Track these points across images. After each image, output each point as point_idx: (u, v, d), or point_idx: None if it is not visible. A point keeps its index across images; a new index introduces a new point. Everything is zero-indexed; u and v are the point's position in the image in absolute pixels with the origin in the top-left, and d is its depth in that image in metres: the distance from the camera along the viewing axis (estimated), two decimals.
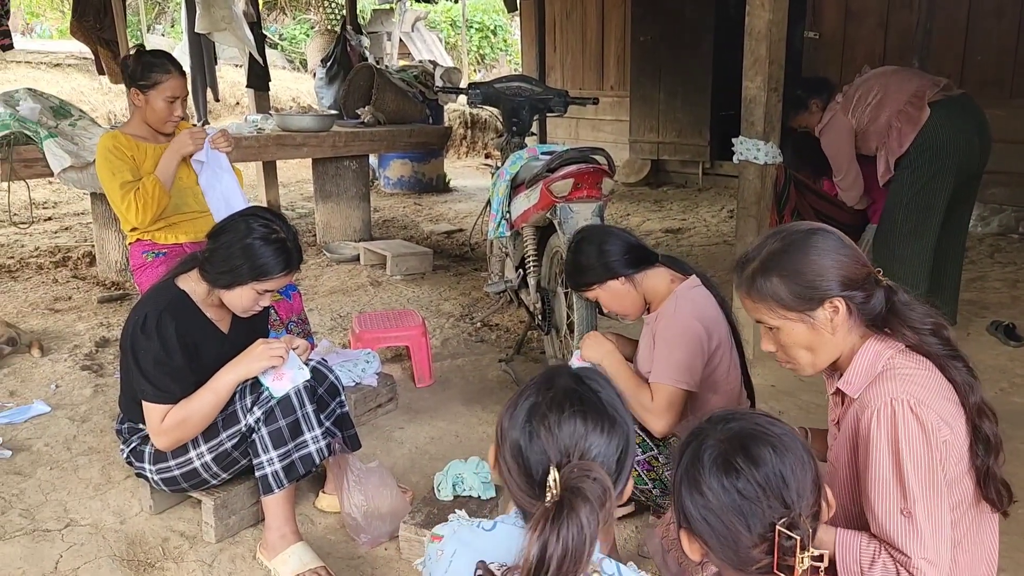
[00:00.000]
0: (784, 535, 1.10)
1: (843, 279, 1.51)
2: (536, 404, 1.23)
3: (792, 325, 1.55)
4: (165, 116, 3.09)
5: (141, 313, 2.21)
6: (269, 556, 2.26)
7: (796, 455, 1.16)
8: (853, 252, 1.54)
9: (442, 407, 3.34)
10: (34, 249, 5.77)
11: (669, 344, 2.17)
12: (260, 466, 2.25)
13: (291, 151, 5.55)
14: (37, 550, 2.36)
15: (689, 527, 1.19)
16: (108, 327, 4.21)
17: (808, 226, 1.58)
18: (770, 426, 1.19)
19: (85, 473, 2.78)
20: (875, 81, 3.76)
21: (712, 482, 1.15)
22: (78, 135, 4.57)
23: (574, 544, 1.10)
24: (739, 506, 1.13)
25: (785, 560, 1.11)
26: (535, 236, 3.48)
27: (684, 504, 1.19)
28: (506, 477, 1.24)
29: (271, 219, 2.21)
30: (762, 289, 1.54)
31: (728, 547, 1.15)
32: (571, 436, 1.19)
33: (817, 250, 1.52)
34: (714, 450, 1.17)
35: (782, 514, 1.12)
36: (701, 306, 2.21)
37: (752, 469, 1.14)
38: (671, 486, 1.22)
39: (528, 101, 4.00)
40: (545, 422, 1.20)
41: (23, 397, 3.38)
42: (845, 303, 1.51)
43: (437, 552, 1.28)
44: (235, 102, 10.88)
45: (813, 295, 1.51)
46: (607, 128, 9.16)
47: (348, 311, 4.56)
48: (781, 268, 1.53)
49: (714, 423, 1.22)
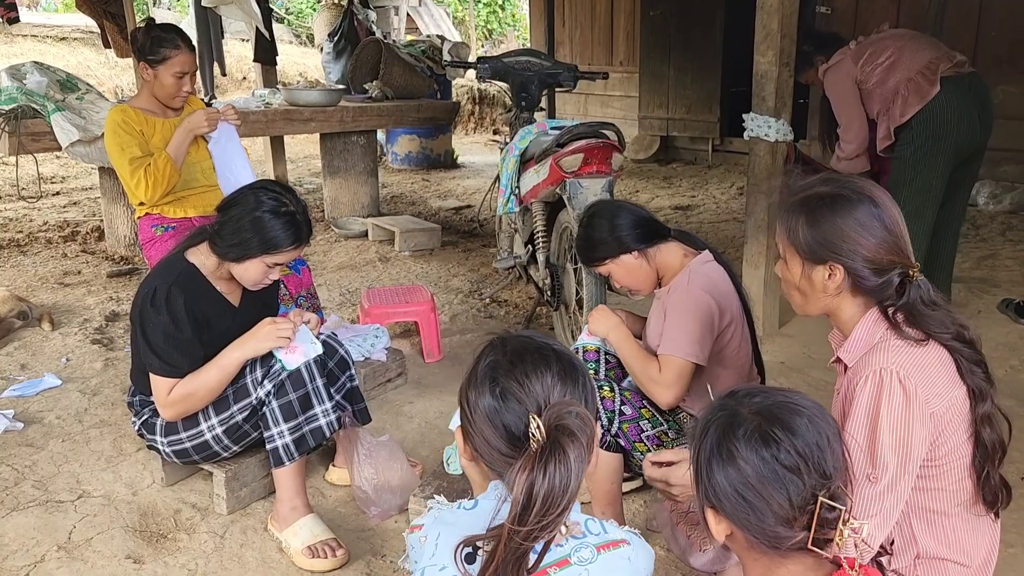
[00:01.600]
0: (827, 506, 1.08)
1: (860, 255, 1.49)
2: (497, 363, 1.23)
3: (794, 265, 1.57)
4: (174, 91, 3.08)
5: (151, 286, 2.22)
6: (280, 528, 2.28)
7: (829, 426, 1.15)
8: (890, 237, 1.50)
9: (451, 382, 3.35)
10: (43, 223, 5.78)
11: (680, 316, 2.16)
12: (271, 439, 2.26)
13: (299, 126, 5.53)
14: (51, 520, 2.38)
15: (719, 505, 1.16)
16: (118, 301, 4.22)
17: (866, 190, 1.53)
18: (800, 398, 1.18)
19: (97, 445, 2.80)
20: (891, 42, 3.67)
21: (749, 455, 1.12)
22: (85, 109, 4.55)
23: (561, 480, 1.10)
24: (780, 477, 1.10)
25: (823, 533, 1.09)
26: (544, 211, 3.46)
27: (715, 481, 1.15)
28: (482, 450, 1.23)
29: (281, 192, 2.21)
30: (790, 220, 1.56)
31: (763, 523, 1.12)
32: (541, 384, 1.20)
33: (851, 216, 1.49)
34: (749, 423, 1.14)
35: (823, 484, 1.10)
36: (714, 280, 2.20)
37: (791, 439, 1.12)
38: (694, 464, 1.20)
39: (537, 76, 3.98)
40: (513, 377, 1.20)
41: (34, 370, 3.40)
42: (845, 273, 1.50)
43: (420, 540, 1.27)
44: (242, 77, 10.84)
45: (820, 252, 1.51)
46: (616, 104, 9.10)
47: (357, 286, 4.57)
48: (814, 212, 1.52)
49: (738, 399, 1.19)
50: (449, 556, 1.18)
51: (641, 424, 2.19)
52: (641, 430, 2.17)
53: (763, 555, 1.16)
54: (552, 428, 1.14)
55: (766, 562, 1.17)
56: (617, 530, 1.25)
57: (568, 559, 1.18)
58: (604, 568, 1.19)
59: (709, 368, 2.19)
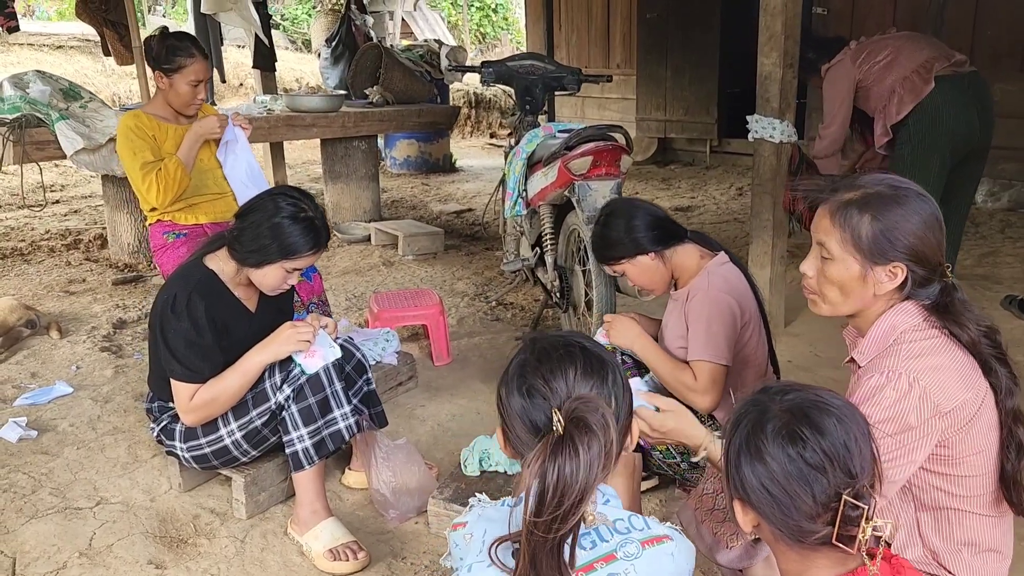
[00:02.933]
0: (850, 504, 1.10)
1: (921, 254, 1.49)
2: (525, 361, 1.27)
3: (850, 264, 1.52)
4: (189, 99, 3.10)
5: (170, 293, 2.23)
6: (301, 531, 2.29)
7: (858, 426, 1.16)
8: (940, 237, 1.51)
9: (461, 385, 3.36)
10: (45, 232, 5.77)
11: (706, 321, 2.18)
12: (290, 443, 2.27)
13: (301, 132, 5.54)
14: (70, 527, 2.39)
15: (745, 498, 1.19)
16: (124, 309, 4.23)
17: (920, 189, 1.54)
18: (831, 398, 1.19)
19: (112, 452, 2.81)
20: (890, 42, 3.74)
21: (776, 451, 1.14)
22: (89, 117, 4.56)
23: (572, 472, 1.12)
24: (805, 475, 1.12)
25: (846, 530, 1.11)
26: (552, 214, 3.48)
27: (743, 474, 1.18)
28: (517, 447, 1.26)
29: (299, 198, 2.22)
30: (850, 218, 1.50)
31: (789, 518, 1.14)
32: (565, 381, 1.23)
33: (919, 215, 1.49)
34: (777, 420, 1.16)
35: (847, 483, 1.11)
36: (732, 282, 2.23)
37: (818, 438, 1.13)
38: (725, 456, 1.22)
39: (541, 79, 4.00)
40: (538, 375, 1.24)
41: (45, 378, 3.41)
42: (906, 274, 1.49)
43: (465, 537, 1.29)
44: (239, 83, 10.84)
45: (888, 251, 1.48)
46: (613, 107, 9.12)
47: (362, 291, 4.58)
48: (879, 211, 1.48)
49: (771, 395, 1.21)
50: (493, 553, 1.20)
51: None
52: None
53: (791, 548, 1.18)
54: (569, 421, 1.16)
55: (794, 555, 1.18)
56: (659, 526, 1.27)
57: (614, 554, 1.20)
58: (649, 564, 1.20)
59: (732, 367, 2.21)
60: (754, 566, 1.60)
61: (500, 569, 1.19)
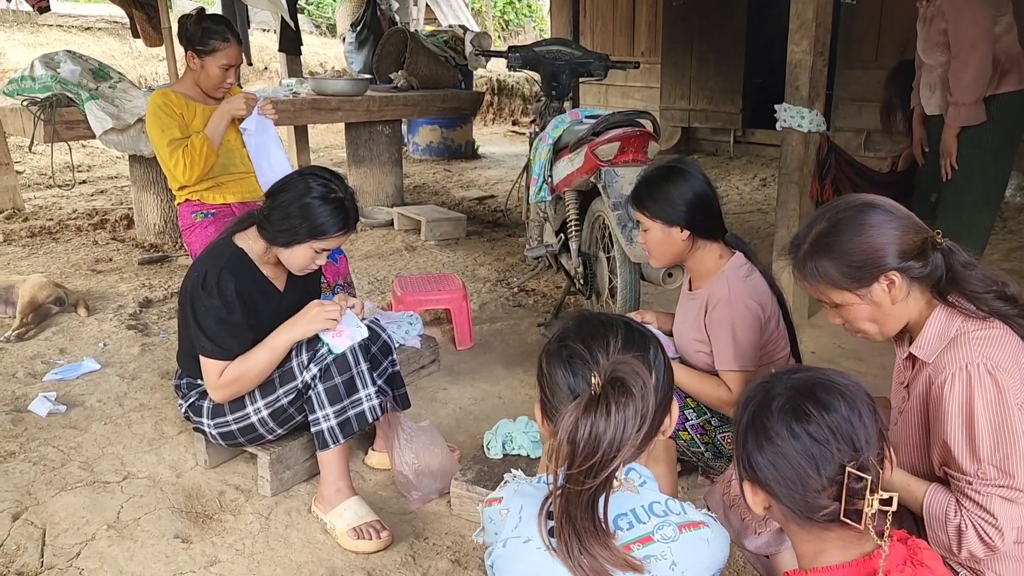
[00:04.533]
0: (854, 476, 1.11)
1: (897, 252, 1.50)
2: (566, 334, 1.28)
3: (850, 300, 1.54)
4: (218, 82, 3.12)
5: (201, 270, 2.25)
6: (325, 510, 2.31)
7: (863, 403, 1.17)
8: (905, 221, 1.52)
9: (483, 369, 3.38)
10: (72, 211, 5.83)
11: (732, 331, 2.15)
12: (316, 422, 2.29)
13: (326, 115, 5.56)
14: (99, 500, 2.42)
15: (754, 477, 1.20)
16: (150, 288, 4.27)
17: (857, 201, 1.55)
18: (836, 376, 1.21)
19: (138, 428, 2.85)
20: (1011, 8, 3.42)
21: (781, 428, 1.16)
22: (118, 97, 4.60)
23: (603, 430, 1.12)
24: (809, 450, 1.14)
25: (853, 504, 1.11)
26: (577, 200, 3.48)
27: (750, 454, 1.19)
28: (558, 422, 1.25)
29: (330, 178, 2.23)
30: (815, 272, 1.54)
31: (796, 493, 1.15)
32: (606, 352, 1.23)
33: (865, 227, 1.50)
34: (782, 398, 1.18)
35: (851, 457, 1.13)
36: (752, 285, 2.20)
37: (822, 414, 1.15)
38: (734, 437, 1.24)
39: (568, 65, 3.98)
40: (579, 345, 1.24)
41: (73, 355, 3.45)
42: (900, 275, 1.50)
43: (501, 512, 1.30)
44: (263, 67, 10.87)
45: (865, 274, 1.50)
46: (637, 95, 9.07)
47: (385, 275, 4.60)
48: (829, 250, 1.52)
49: (778, 376, 1.23)
50: (533, 527, 1.20)
51: (686, 413, 2.20)
52: (686, 419, 2.19)
53: (803, 528, 1.19)
54: (607, 381, 1.16)
55: (808, 536, 1.19)
56: (695, 512, 1.27)
57: (651, 536, 1.20)
58: (685, 548, 1.21)
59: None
60: (782, 553, 1.60)
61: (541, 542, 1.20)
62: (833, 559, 1.17)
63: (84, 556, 2.18)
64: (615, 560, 1.16)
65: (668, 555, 1.19)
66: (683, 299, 2.40)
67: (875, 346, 3.44)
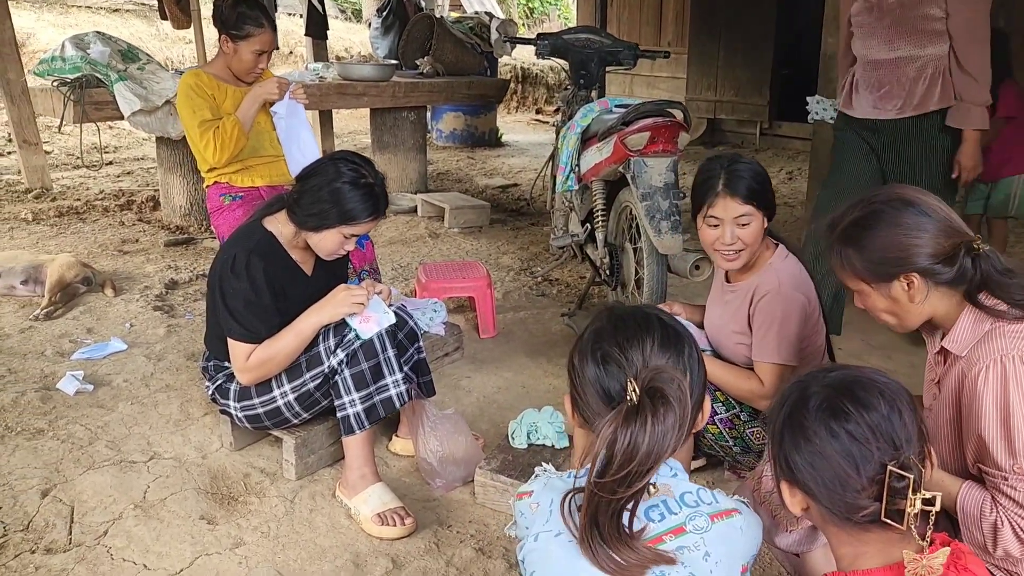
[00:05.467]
0: (895, 475, 1.08)
1: (923, 254, 1.49)
2: (601, 329, 1.26)
3: (869, 291, 1.57)
4: (250, 67, 3.12)
5: (230, 253, 2.25)
6: (349, 495, 2.31)
7: (903, 401, 1.15)
8: (940, 224, 1.50)
9: (507, 358, 3.37)
10: (99, 192, 5.87)
11: (779, 323, 2.12)
12: (342, 407, 2.29)
13: (352, 100, 5.55)
14: (125, 480, 2.44)
15: (792, 478, 1.18)
16: (176, 270, 4.30)
17: (895, 195, 1.55)
18: (875, 374, 1.19)
19: (164, 409, 2.86)
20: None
21: (819, 428, 1.14)
22: (146, 79, 4.61)
23: (643, 441, 1.12)
24: (849, 449, 1.12)
25: (894, 504, 1.09)
26: (604, 190, 3.45)
27: (788, 453, 1.17)
28: (588, 416, 1.26)
29: (360, 164, 2.22)
30: (839, 258, 1.58)
31: (835, 494, 1.13)
32: (641, 351, 1.22)
33: (896, 226, 1.50)
34: (819, 396, 1.16)
35: (892, 455, 1.11)
36: (800, 277, 2.18)
37: (861, 412, 1.13)
38: (771, 437, 1.22)
39: (597, 53, 3.95)
40: (613, 344, 1.23)
41: (100, 334, 3.48)
42: (921, 277, 1.50)
43: (531, 507, 1.29)
44: (288, 51, 10.89)
45: (885, 271, 1.52)
46: (662, 85, 9.01)
47: (408, 262, 4.60)
48: (858, 241, 1.54)
49: (814, 375, 1.21)
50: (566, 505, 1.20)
51: (715, 407, 2.18)
52: (715, 412, 2.17)
53: (842, 529, 1.17)
54: (646, 391, 1.15)
55: (847, 537, 1.17)
56: (727, 499, 1.26)
57: (683, 527, 1.19)
58: (719, 537, 1.20)
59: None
60: (813, 551, 1.58)
61: (571, 535, 1.19)
62: (873, 562, 1.15)
63: (111, 534, 2.20)
64: (642, 559, 1.15)
65: (701, 546, 1.19)
66: (719, 292, 2.36)
67: (904, 344, 3.42)
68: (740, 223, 2.13)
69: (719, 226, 2.15)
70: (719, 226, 2.15)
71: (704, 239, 2.21)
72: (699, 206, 2.20)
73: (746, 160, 2.19)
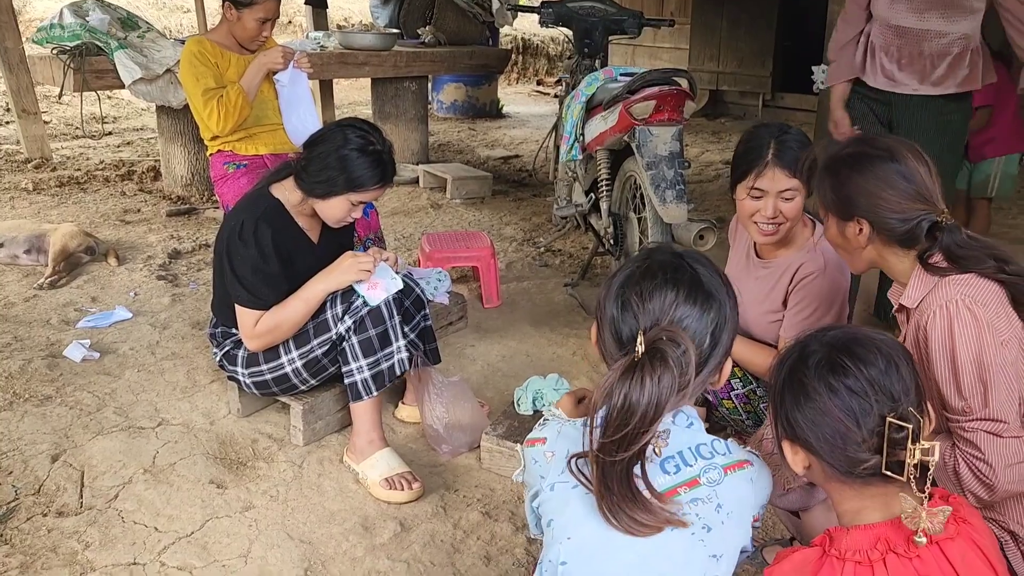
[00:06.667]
0: (895, 427, 1.11)
1: (883, 207, 1.57)
2: (631, 274, 1.26)
3: (830, 223, 1.69)
4: (254, 35, 3.10)
5: (238, 220, 2.25)
6: (357, 460, 2.34)
7: (900, 356, 1.18)
8: (914, 188, 1.57)
9: (511, 327, 3.38)
10: (99, 162, 5.85)
11: (821, 305, 2.09)
12: (349, 373, 2.31)
13: (353, 70, 5.52)
14: (134, 445, 2.46)
15: (794, 436, 1.20)
16: (179, 240, 4.29)
17: (887, 146, 1.62)
18: (871, 332, 1.22)
19: (171, 376, 2.88)
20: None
21: (819, 384, 1.17)
22: (147, 47, 4.57)
23: (638, 399, 1.13)
24: (848, 404, 1.14)
25: (894, 455, 1.11)
26: (608, 160, 3.44)
27: (789, 412, 1.20)
28: (603, 349, 1.28)
29: (368, 131, 2.22)
30: (820, 184, 1.68)
31: (836, 449, 1.16)
32: (661, 305, 1.22)
33: (871, 173, 1.59)
34: (818, 355, 1.19)
35: (891, 407, 1.13)
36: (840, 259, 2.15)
37: (859, 367, 1.15)
38: (771, 397, 1.24)
39: (602, 22, 3.93)
40: (636, 290, 1.23)
41: (105, 303, 3.49)
42: (870, 226, 1.59)
43: (546, 455, 1.31)
44: (287, 20, 10.78)
45: (845, 209, 1.62)
46: (665, 56, 8.94)
47: (411, 232, 4.60)
48: (836, 174, 1.63)
49: (813, 335, 1.24)
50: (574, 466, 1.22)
51: (732, 383, 2.20)
52: (731, 388, 2.19)
53: (844, 485, 1.19)
54: (649, 350, 1.16)
55: (849, 493, 1.19)
56: (740, 450, 1.28)
57: (698, 479, 1.21)
58: (730, 489, 1.22)
59: None
60: (812, 509, 1.60)
61: (586, 489, 1.21)
62: (874, 517, 1.17)
63: (122, 498, 2.23)
64: (657, 520, 1.17)
65: (714, 498, 1.21)
66: (745, 266, 2.27)
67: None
68: (785, 197, 2.03)
69: (762, 197, 2.03)
70: (762, 197, 2.03)
71: (743, 210, 2.10)
72: (743, 175, 2.07)
73: (795, 130, 2.09)
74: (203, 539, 2.08)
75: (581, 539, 1.21)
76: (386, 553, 2.05)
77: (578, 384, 2.87)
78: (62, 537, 2.07)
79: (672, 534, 1.18)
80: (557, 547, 1.23)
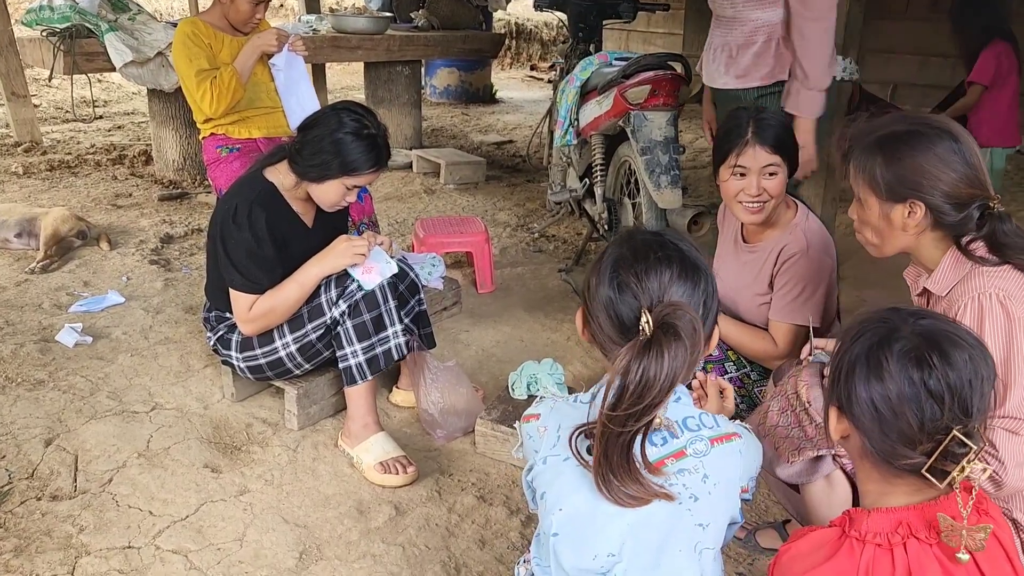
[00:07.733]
0: (958, 441, 1.07)
1: (941, 190, 1.51)
2: (621, 256, 1.26)
3: (872, 205, 1.59)
4: (247, 17, 3.08)
5: (231, 203, 2.24)
6: (352, 444, 2.34)
7: (987, 367, 1.13)
8: (970, 171, 1.52)
9: (505, 313, 3.38)
10: (90, 146, 5.81)
11: (806, 285, 2.11)
12: (344, 358, 2.30)
13: (345, 53, 5.48)
14: (128, 429, 2.46)
15: (848, 407, 1.16)
16: (171, 224, 4.27)
17: (944, 125, 1.56)
18: (966, 334, 1.15)
19: (164, 361, 2.87)
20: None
21: (898, 372, 1.11)
22: (137, 30, 4.53)
23: (655, 374, 1.14)
24: (921, 401, 1.10)
25: (942, 464, 1.09)
26: (603, 144, 3.44)
27: (855, 384, 1.15)
28: (597, 336, 1.28)
29: (363, 114, 2.21)
30: (866, 162, 1.58)
31: (887, 438, 1.12)
32: (658, 282, 1.23)
33: (931, 152, 1.52)
34: (908, 342, 1.12)
35: (961, 421, 1.09)
36: (825, 238, 2.16)
37: (946, 368, 1.10)
38: (834, 359, 1.20)
39: (596, 5, 3.91)
40: (633, 271, 1.23)
41: (97, 288, 3.47)
42: (926, 210, 1.52)
43: (539, 430, 1.32)
44: (279, 3, 10.70)
45: (900, 190, 1.54)
46: (658, 41, 8.90)
47: (404, 217, 4.58)
48: (889, 152, 1.55)
49: (903, 316, 1.17)
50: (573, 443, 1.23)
51: (726, 366, 2.21)
52: (725, 371, 2.20)
53: (875, 468, 1.17)
54: (659, 324, 1.16)
55: (877, 476, 1.17)
56: (728, 424, 1.29)
57: (684, 451, 1.23)
58: (717, 460, 1.23)
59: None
60: (813, 483, 1.61)
61: (578, 461, 1.22)
62: (898, 502, 1.15)
63: (116, 482, 2.22)
64: (646, 492, 1.19)
65: (700, 468, 1.22)
66: (732, 251, 2.30)
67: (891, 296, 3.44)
68: (768, 173, 2.06)
69: (746, 175, 2.07)
70: (746, 175, 2.07)
71: (727, 191, 2.12)
72: (724, 156, 2.10)
73: (772, 111, 2.16)
74: (198, 523, 2.08)
75: (571, 509, 1.23)
76: (381, 537, 2.06)
77: (572, 369, 2.88)
78: (56, 521, 2.07)
79: (660, 504, 1.20)
80: (550, 518, 1.25)
